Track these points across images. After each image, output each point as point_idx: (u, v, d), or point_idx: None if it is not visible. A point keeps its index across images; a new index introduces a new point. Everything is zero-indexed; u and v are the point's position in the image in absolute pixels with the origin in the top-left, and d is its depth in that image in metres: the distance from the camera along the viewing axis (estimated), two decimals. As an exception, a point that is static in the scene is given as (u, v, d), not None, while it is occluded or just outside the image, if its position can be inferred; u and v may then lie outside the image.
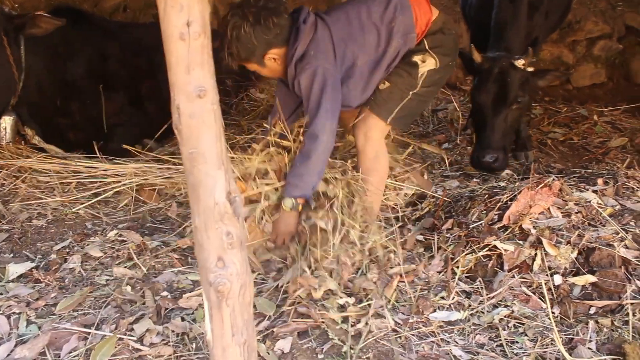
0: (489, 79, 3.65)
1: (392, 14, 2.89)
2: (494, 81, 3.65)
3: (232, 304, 1.61)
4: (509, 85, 3.63)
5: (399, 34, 2.90)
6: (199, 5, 1.49)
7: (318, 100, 2.73)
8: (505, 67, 3.64)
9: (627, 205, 3.00)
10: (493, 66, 3.65)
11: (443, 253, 2.75)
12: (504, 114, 3.65)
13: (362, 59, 2.90)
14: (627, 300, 2.47)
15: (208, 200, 1.56)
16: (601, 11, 6.21)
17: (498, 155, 3.60)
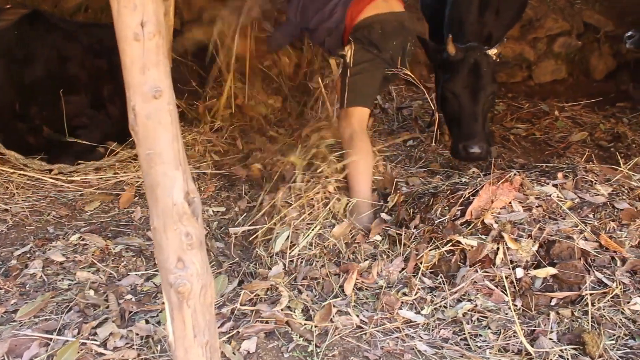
0: (466, 69, 3.69)
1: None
2: (471, 70, 3.69)
3: (193, 304, 1.60)
4: (485, 74, 3.69)
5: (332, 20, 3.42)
6: (153, 5, 1.47)
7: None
8: (480, 57, 3.69)
9: (585, 198, 3.05)
10: (469, 56, 3.68)
11: (407, 250, 2.77)
12: (482, 102, 3.70)
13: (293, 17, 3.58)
14: (587, 291, 2.53)
15: (166, 201, 1.54)
16: (560, 9, 6.33)
17: (483, 144, 3.64)
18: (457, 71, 3.71)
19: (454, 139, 3.79)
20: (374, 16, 3.34)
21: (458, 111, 3.75)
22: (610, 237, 2.78)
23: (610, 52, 6.39)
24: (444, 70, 3.84)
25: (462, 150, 3.65)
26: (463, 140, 3.66)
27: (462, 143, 3.65)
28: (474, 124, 3.68)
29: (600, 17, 6.33)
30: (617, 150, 4.48)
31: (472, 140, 3.62)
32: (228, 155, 4.14)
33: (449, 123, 3.92)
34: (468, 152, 3.63)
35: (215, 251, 2.98)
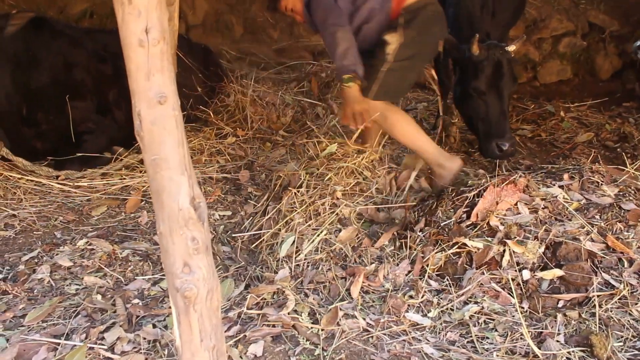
0: (492, 67, 3.72)
1: None
2: (497, 69, 3.72)
3: (199, 309, 1.60)
4: (508, 72, 3.75)
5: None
6: (157, 11, 1.48)
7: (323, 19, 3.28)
8: (502, 55, 3.73)
9: (592, 199, 3.04)
10: (493, 54, 3.71)
11: (413, 252, 2.77)
12: (508, 99, 3.79)
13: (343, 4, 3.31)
14: (594, 292, 2.52)
15: (172, 206, 1.55)
16: (565, 9, 6.32)
17: (513, 140, 3.73)
18: (484, 70, 3.73)
19: (483, 138, 3.81)
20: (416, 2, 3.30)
21: (486, 110, 3.78)
22: (617, 238, 2.77)
23: (616, 51, 6.39)
24: (466, 69, 3.83)
25: (495, 148, 3.69)
26: (495, 138, 3.70)
27: (494, 141, 3.69)
28: (504, 122, 3.75)
29: (605, 17, 6.33)
30: (623, 150, 4.47)
31: (504, 138, 3.69)
32: (235, 160, 4.16)
33: (475, 123, 3.91)
34: (502, 149, 3.68)
35: (222, 255, 2.99)
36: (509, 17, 4.50)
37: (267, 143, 4.47)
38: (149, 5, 1.46)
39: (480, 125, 3.83)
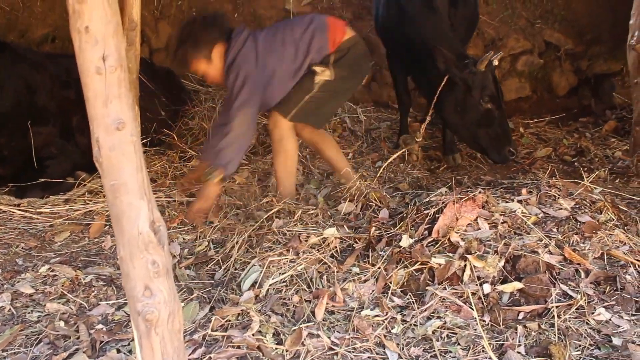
0: (492, 80, 4.00)
1: (310, 35, 3.54)
2: (494, 81, 4.03)
3: (161, 332, 1.62)
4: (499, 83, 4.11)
5: (314, 50, 3.54)
6: (115, 39, 1.51)
7: (237, 93, 3.43)
8: (494, 69, 4.04)
9: (549, 213, 3.13)
10: (492, 69, 3.99)
11: (377, 271, 2.81)
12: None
13: (281, 68, 3.53)
14: (553, 303, 2.58)
15: (132, 231, 1.57)
16: (521, 28, 6.49)
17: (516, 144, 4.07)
18: (489, 84, 3.98)
19: (494, 146, 4.08)
20: (351, 38, 3.61)
21: (495, 120, 4.03)
22: (573, 250, 2.85)
23: (571, 69, 6.57)
24: (468, 85, 3.99)
25: (507, 153, 4.02)
26: (506, 144, 4.03)
27: (505, 147, 4.02)
28: (508, 128, 4.12)
29: (560, 36, 6.52)
30: (580, 164, 4.60)
31: (513, 143, 4.08)
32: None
33: (482, 134, 4.10)
34: (513, 153, 4.04)
35: (186, 279, 2.99)
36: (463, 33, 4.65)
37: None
38: (105, 33, 1.49)
39: (489, 135, 4.07)
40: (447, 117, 4.21)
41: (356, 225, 3.30)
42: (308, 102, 3.54)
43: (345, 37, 3.57)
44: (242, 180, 4.12)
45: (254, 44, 3.54)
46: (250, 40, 3.54)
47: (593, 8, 6.62)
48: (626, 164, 4.43)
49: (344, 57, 3.53)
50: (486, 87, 3.96)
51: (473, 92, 3.97)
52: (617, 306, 2.61)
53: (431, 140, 5.00)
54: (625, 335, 2.42)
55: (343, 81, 3.58)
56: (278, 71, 3.53)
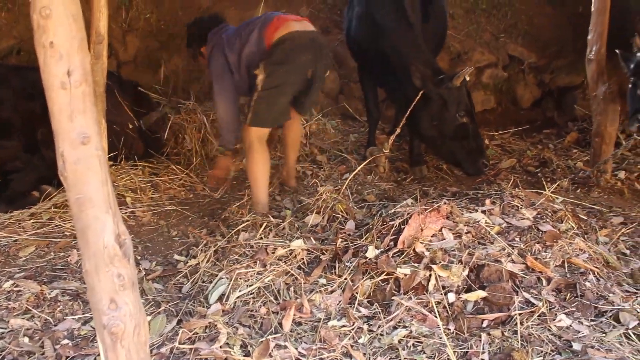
0: (466, 94, 4.10)
1: (251, 29, 3.88)
2: (469, 95, 4.14)
3: (127, 344, 1.62)
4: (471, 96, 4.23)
5: (251, 43, 3.84)
6: (79, 54, 1.53)
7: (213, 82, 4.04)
8: (466, 83, 4.12)
9: (512, 223, 3.20)
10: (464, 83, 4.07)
11: (343, 282, 2.84)
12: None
13: (231, 59, 3.93)
14: (516, 311, 2.64)
15: (97, 244, 1.58)
16: (486, 42, 6.63)
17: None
18: (464, 98, 4.07)
19: (468, 158, 4.16)
20: (287, 34, 3.77)
21: (469, 133, 4.11)
22: (535, 259, 2.92)
23: (535, 81, 6.73)
24: (444, 99, 4.07)
25: (481, 165, 4.13)
26: (480, 156, 4.14)
27: (479, 160, 4.13)
28: (482, 141, 4.22)
29: (523, 50, 6.67)
30: (543, 175, 4.71)
31: (485, 155, 4.17)
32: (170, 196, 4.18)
33: (456, 147, 4.18)
34: (486, 165, 4.15)
35: (153, 293, 2.98)
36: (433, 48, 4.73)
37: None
38: (70, 48, 1.51)
39: (463, 148, 4.15)
40: (423, 131, 4.27)
41: (323, 237, 3.34)
42: (258, 102, 3.70)
43: (280, 33, 3.76)
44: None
45: (223, 38, 4.00)
46: (219, 36, 4.04)
47: (554, 23, 6.81)
48: (587, 174, 4.55)
49: (275, 52, 3.71)
50: (461, 101, 4.05)
51: (449, 107, 4.04)
52: (577, 312, 2.68)
53: (398, 152, 5.06)
54: (585, 340, 2.49)
55: (283, 76, 3.73)
56: (231, 62, 3.93)
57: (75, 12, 1.50)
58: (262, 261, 2.96)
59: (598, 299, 2.76)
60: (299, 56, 3.76)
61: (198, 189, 4.39)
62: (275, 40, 3.74)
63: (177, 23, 5.99)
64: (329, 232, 3.38)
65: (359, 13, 4.57)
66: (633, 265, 3.19)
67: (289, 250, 3.07)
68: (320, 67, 3.90)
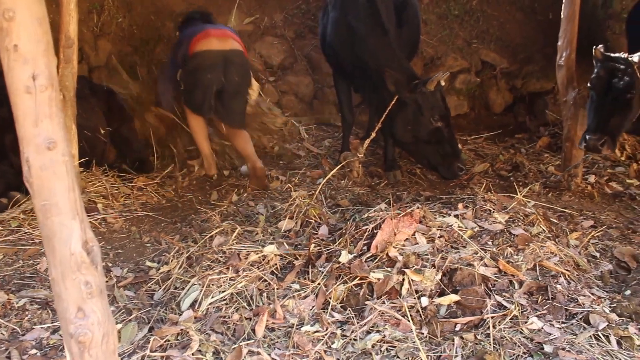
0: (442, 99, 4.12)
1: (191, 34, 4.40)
2: (444, 100, 4.16)
3: (95, 353, 1.59)
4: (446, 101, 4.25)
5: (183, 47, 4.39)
6: (45, 58, 1.50)
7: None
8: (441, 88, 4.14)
9: (484, 227, 3.23)
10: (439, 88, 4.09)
11: (317, 287, 2.83)
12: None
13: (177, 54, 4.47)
14: (488, 314, 2.66)
15: (64, 251, 1.54)
16: (459, 48, 6.70)
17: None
18: (438, 103, 4.08)
19: (443, 162, 4.16)
20: (200, 51, 4.26)
21: (444, 137, 4.11)
22: (507, 262, 2.95)
23: (507, 87, 6.82)
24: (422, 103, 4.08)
25: (457, 169, 4.10)
26: (455, 160, 4.12)
27: (455, 163, 4.11)
28: (457, 145, 4.19)
29: (495, 55, 6.75)
30: (515, 179, 4.75)
31: (460, 158, 4.15)
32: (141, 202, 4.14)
33: (430, 151, 4.19)
34: (462, 168, 4.13)
35: (124, 300, 2.93)
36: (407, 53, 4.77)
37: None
38: (35, 52, 1.48)
39: (438, 152, 4.16)
40: (398, 136, 4.29)
41: (296, 242, 3.32)
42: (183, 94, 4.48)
43: (197, 48, 4.27)
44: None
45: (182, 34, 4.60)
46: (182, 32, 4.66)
47: (525, 29, 6.90)
48: (558, 178, 4.61)
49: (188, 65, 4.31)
50: (436, 106, 4.08)
51: (424, 112, 4.07)
52: (548, 315, 2.71)
53: (372, 157, 5.08)
54: (556, 342, 2.51)
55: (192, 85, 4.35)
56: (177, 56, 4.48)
57: (40, 14, 1.47)
58: (235, 267, 2.95)
59: (569, 302, 2.80)
60: (204, 74, 4.26)
61: (170, 194, 4.34)
62: (191, 54, 4.29)
63: (150, 27, 5.94)
64: (302, 237, 3.37)
65: (334, 18, 4.58)
66: (603, 268, 3.24)
67: (262, 255, 3.06)
68: (230, 84, 4.31)
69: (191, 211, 4.04)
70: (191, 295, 2.78)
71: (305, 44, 6.36)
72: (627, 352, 2.51)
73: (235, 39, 4.44)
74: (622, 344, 2.55)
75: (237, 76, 4.36)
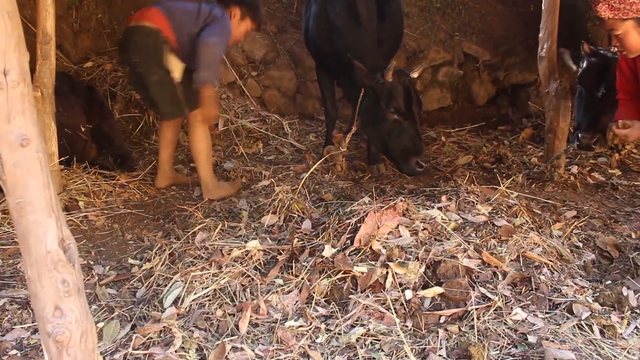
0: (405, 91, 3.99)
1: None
2: (408, 93, 4.02)
3: (73, 352, 1.57)
4: (417, 95, 4.14)
5: None
6: (16, 52, 1.47)
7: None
8: (410, 81, 4.07)
9: (468, 219, 3.23)
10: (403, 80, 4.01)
11: (300, 281, 2.81)
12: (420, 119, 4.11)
13: None
14: (472, 306, 2.66)
15: (40, 249, 1.52)
16: (441, 41, 6.70)
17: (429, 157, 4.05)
18: (398, 95, 3.97)
19: (402, 157, 4.03)
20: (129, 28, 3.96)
21: (403, 131, 4.01)
22: (491, 254, 2.95)
23: (490, 79, 6.84)
24: (379, 96, 4.02)
25: (416, 165, 3.96)
26: (415, 155, 3.96)
27: (414, 159, 3.96)
28: (420, 141, 4.03)
29: (478, 48, 6.77)
30: (499, 170, 4.77)
31: (422, 155, 3.99)
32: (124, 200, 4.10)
33: (391, 144, 4.09)
34: (422, 166, 3.97)
35: (107, 298, 2.90)
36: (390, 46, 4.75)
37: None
38: (6, 47, 1.45)
39: (398, 145, 4.04)
40: (364, 127, 4.29)
41: (279, 237, 3.31)
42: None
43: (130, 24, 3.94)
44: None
45: None
46: None
47: (507, 21, 6.93)
48: (541, 169, 4.63)
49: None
50: (393, 97, 3.98)
51: (380, 102, 4.02)
52: (532, 305, 2.72)
53: (356, 151, 5.07)
54: (539, 332, 2.52)
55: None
56: None
57: (10, 9, 1.44)
58: (218, 263, 2.92)
59: (552, 292, 2.81)
60: (120, 54, 4.20)
61: (152, 191, 4.30)
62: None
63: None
64: (285, 232, 3.35)
65: (315, 12, 4.58)
66: (585, 258, 3.26)
67: (245, 251, 3.04)
68: (139, 65, 3.87)
69: (174, 208, 4.01)
70: (174, 292, 2.76)
71: (287, 38, 6.33)
72: (609, 340, 2.52)
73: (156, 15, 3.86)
74: (605, 332, 2.56)
75: (136, 56, 3.87)
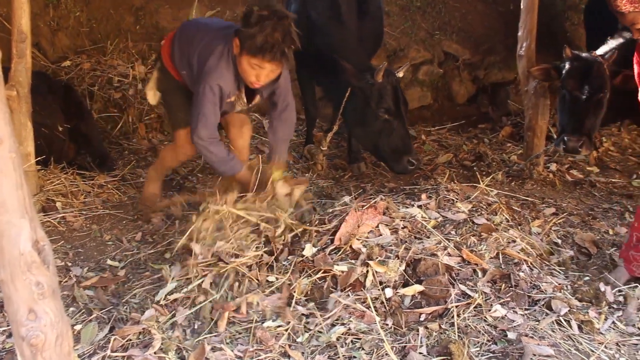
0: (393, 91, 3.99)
1: None
2: (396, 92, 4.01)
3: (48, 356, 1.55)
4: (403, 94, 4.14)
5: None
6: (-13, 52, 1.45)
7: None
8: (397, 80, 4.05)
9: (448, 216, 3.24)
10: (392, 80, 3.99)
11: (280, 281, 2.80)
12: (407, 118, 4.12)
13: None
14: (452, 303, 2.67)
15: (13, 251, 1.50)
16: (421, 40, 6.71)
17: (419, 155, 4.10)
18: (388, 95, 3.97)
19: (393, 156, 4.04)
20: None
21: (394, 130, 4.00)
22: (471, 251, 2.97)
23: (470, 78, 6.85)
24: (368, 96, 4.01)
25: (407, 164, 3.98)
26: (407, 154, 3.99)
27: (404, 158, 3.98)
28: (409, 139, 4.07)
29: (458, 47, 6.78)
30: (479, 168, 4.79)
31: (412, 153, 4.02)
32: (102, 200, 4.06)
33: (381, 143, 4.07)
34: (413, 164, 3.99)
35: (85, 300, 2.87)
36: (371, 45, 4.75)
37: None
38: (-24, 45, 1.42)
39: (388, 145, 4.04)
40: (350, 127, 4.28)
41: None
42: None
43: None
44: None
45: None
46: None
47: (487, 20, 6.96)
48: (520, 167, 4.66)
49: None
50: (383, 97, 3.98)
51: (370, 103, 4.01)
52: (512, 302, 2.74)
53: (336, 150, 5.07)
54: (519, 329, 2.54)
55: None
56: None
57: (-20, 6, 1.42)
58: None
59: (531, 288, 2.83)
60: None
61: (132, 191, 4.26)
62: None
63: (110, 22, 5.82)
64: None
65: (295, 11, 4.55)
66: (564, 254, 3.29)
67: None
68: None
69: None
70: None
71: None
72: (587, 335, 2.55)
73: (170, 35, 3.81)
74: (583, 328, 2.60)
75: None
